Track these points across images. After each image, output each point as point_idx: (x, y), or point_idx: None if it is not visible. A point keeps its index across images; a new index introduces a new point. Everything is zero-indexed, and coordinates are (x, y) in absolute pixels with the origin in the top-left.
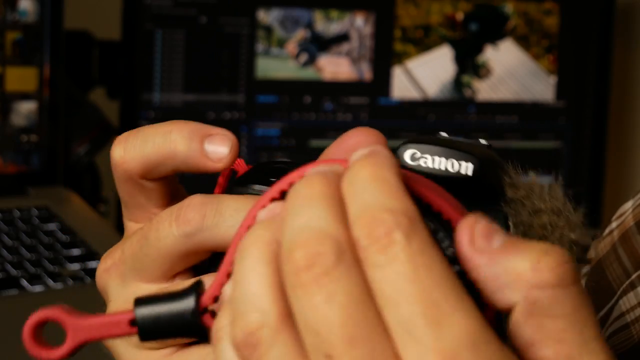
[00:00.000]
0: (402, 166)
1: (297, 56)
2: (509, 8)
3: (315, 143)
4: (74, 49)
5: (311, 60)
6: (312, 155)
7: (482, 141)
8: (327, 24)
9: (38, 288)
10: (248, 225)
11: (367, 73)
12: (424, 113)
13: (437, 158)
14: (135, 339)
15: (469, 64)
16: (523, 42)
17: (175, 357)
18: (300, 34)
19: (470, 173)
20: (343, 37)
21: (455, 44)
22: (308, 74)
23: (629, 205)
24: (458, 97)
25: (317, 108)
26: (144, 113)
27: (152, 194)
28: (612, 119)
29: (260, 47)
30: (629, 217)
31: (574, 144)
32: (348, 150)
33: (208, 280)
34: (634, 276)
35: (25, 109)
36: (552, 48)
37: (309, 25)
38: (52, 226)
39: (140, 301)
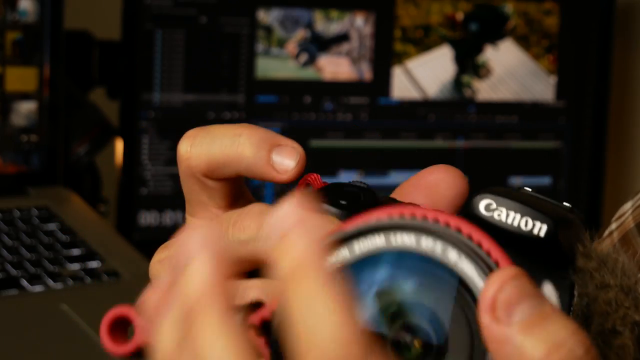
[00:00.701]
0: (475, 215)
1: (297, 56)
2: (509, 8)
3: (315, 143)
4: (74, 49)
5: (311, 60)
6: (314, 155)
7: (566, 204)
8: (327, 24)
9: (38, 288)
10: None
11: (367, 73)
12: (424, 113)
13: (512, 213)
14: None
15: (469, 64)
16: (523, 42)
17: None
18: (300, 34)
19: (542, 235)
20: (343, 37)
21: (455, 44)
22: (308, 74)
23: (628, 206)
24: (458, 97)
25: (317, 108)
26: (144, 113)
27: (215, 193)
28: (612, 119)
29: (260, 47)
30: (629, 218)
31: (574, 144)
32: (427, 187)
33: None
34: None
35: (25, 109)
36: (552, 48)
37: (309, 25)
38: (52, 226)
39: None
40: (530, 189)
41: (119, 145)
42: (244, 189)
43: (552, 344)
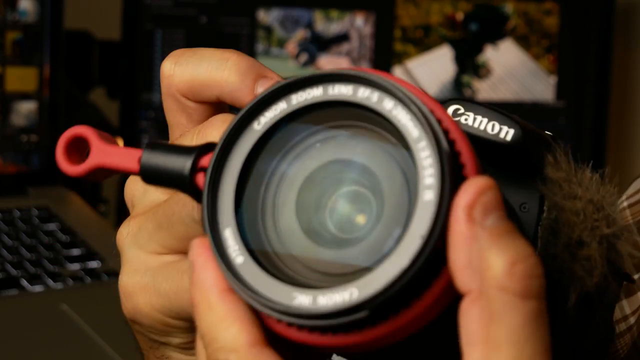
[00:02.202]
0: None
1: (297, 56)
2: (509, 8)
3: None
4: (74, 49)
5: (311, 60)
6: None
7: (548, 133)
8: (327, 24)
9: (38, 288)
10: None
11: None
12: None
13: (479, 117)
14: (140, 239)
15: (469, 64)
16: (523, 42)
17: (169, 266)
18: (300, 34)
19: (509, 139)
20: (343, 37)
21: (455, 44)
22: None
23: None
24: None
25: None
26: (144, 113)
27: (193, 115)
28: (612, 119)
29: (260, 47)
30: None
31: (574, 144)
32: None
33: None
34: None
35: (25, 109)
36: (552, 48)
37: (309, 25)
38: (52, 226)
39: (151, 145)
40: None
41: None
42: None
43: (517, 256)
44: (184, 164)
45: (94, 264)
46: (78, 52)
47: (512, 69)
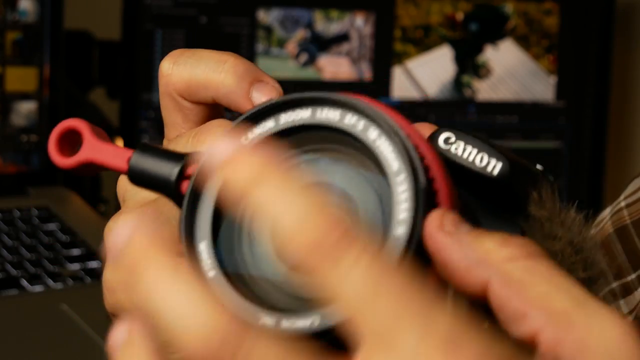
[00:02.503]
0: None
1: (297, 56)
2: (509, 8)
3: None
4: (74, 49)
5: (311, 60)
6: None
7: (539, 166)
8: (327, 24)
9: (38, 288)
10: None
11: (367, 73)
12: (424, 113)
13: (468, 148)
14: None
15: (469, 64)
16: (523, 42)
17: None
18: (300, 34)
19: (495, 173)
20: (343, 37)
21: (455, 44)
22: (308, 74)
23: (607, 212)
24: (458, 97)
25: None
26: (144, 113)
27: (189, 116)
28: (612, 119)
29: (260, 47)
30: (608, 224)
31: (574, 144)
32: None
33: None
34: (614, 285)
35: (25, 109)
36: (552, 48)
37: (309, 25)
38: (52, 226)
39: (142, 147)
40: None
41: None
42: (222, 116)
43: (504, 235)
44: (171, 170)
45: (94, 264)
46: (78, 52)
47: (512, 69)
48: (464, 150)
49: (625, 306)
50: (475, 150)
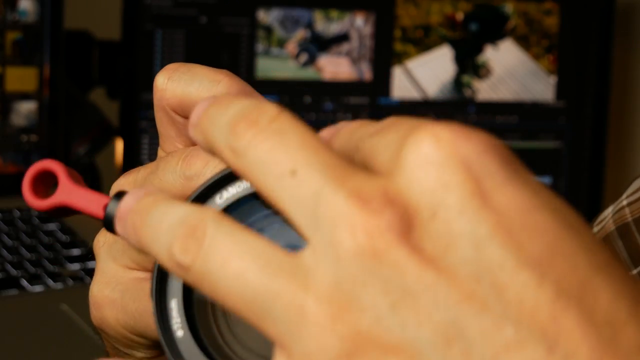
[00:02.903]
0: None
1: (297, 56)
2: (509, 8)
3: None
4: (74, 49)
5: (311, 60)
6: None
7: None
8: (327, 24)
9: (38, 288)
10: None
11: (367, 73)
12: (424, 113)
13: None
14: (115, 251)
15: (469, 64)
16: (523, 42)
17: (138, 285)
18: (300, 34)
19: None
20: (343, 37)
21: (455, 44)
22: (308, 74)
23: (609, 211)
24: (458, 97)
25: (317, 108)
26: (144, 113)
27: (183, 130)
28: (612, 119)
29: (260, 47)
30: (610, 222)
31: (574, 144)
32: None
33: None
34: None
35: (25, 109)
36: (552, 48)
37: (309, 25)
38: (52, 226)
39: (118, 195)
40: None
41: (119, 145)
42: None
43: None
44: None
45: (94, 264)
46: (78, 52)
47: (512, 69)
48: None
49: None
50: None
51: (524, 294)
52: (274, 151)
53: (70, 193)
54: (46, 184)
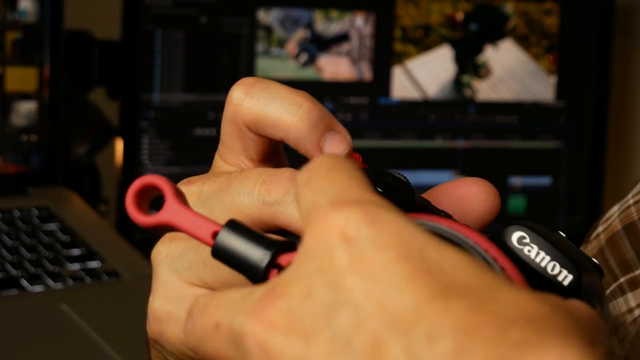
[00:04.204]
0: (505, 244)
1: (297, 56)
2: (509, 8)
3: None
4: (74, 49)
5: (311, 60)
6: None
7: (594, 260)
8: (327, 24)
9: (38, 288)
10: None
11: (367, 73)
12: (424, 113)
13: (542, 253)
14: (179, 265)
15: (469, 64)
16: (523, 42)
17: (199, 299)
18: (300, 34)
19: (566, 284)
20: (343, 37)
21: (455, 44)
22: (308, 74)
23: (615, 209)
24: (458, 97)
25: None
26: (144, 113)
27: (251, 146)
28: (612, 119)
29: (260, 47)
30: (616, 220)
31: (574, 144)
32: (460, 197)
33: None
34: (622, 280)
35: (25, 109)
36: (552, 48)
37: (309, 25)
38: (52, 226)
39: (232, 224)
40: (564, 235)
41: (119, 145)
42: (280, 150)
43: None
44: (262, 256)
45: (94, 264)
46: (78, 52)
47: (512, 69)
48: (537, 254)
49: (633, 299)
50: (548, 258)
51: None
52: None
53: (177, 214)
54: (147, 197)
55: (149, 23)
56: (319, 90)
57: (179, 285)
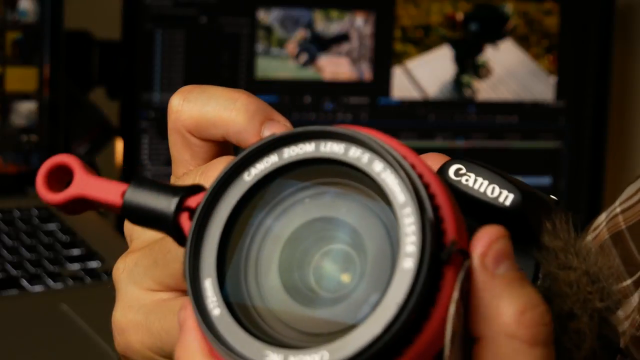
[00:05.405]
0: (443, 179)
1: (297, 56)
2: (509, 8)
3: None
4: (74, 49)
5: (311, 60)
6: None
7: (552, 196)
8: (327, 24)
9: (38, 288)
10: None
11: (367, 73)
12: (424, 113)
13: (479, 179)
14: (135, 275)
15: (469, 64)
16: (523, 42)
17: (162, 305)
18: (300, 34)
19: (508, 204)
20: (343, 37)
21: (455, 44)
22: (308, 74)
23: (602, 217)
24: (458, 97)
25: (317, 108)
26: (144, 113)
27: (198, 153)
28: (612, 119)
29: (260, 47)
30: (604, 230)
31: (574, 144)
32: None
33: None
34: None
35: (25, 109)
36: (552, 48)
37: (309, 25)
38: (52, 226)
39: (137, 180)
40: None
41: (119, 145)
42: (231, 153)
43: (526, 304)
44: (169, 203)
45: (94, 264)
46: (78, 52)
47: (512, 69)
48: (475, 181)
49: (621, 311)
50: (486, 182)
51: None
52: None
53: (87, 184)
54: (61, 180)
55: (149, 23)
56: (319, 90)
57: (138, 294)
